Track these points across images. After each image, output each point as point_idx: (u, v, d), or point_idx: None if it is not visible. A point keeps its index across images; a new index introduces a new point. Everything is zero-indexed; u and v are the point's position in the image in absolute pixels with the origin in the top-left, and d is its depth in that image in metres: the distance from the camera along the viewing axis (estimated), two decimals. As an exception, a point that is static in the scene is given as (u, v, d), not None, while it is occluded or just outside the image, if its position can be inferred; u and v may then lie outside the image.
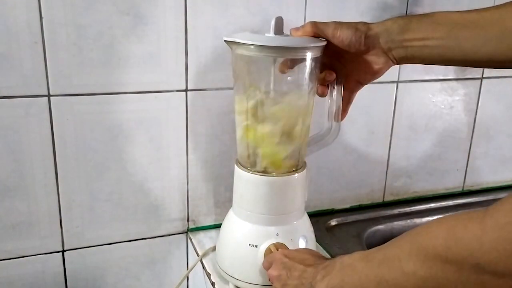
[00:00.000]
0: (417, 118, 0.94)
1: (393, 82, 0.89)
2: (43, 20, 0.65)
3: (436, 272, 0.41)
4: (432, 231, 0.42)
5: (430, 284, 0.41)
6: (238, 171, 0.66)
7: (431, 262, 0.41)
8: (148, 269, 0.83)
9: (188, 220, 0.82)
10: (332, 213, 0.93)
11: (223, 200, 0.83)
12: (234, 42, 0.59)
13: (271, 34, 0.60)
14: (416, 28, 0.57)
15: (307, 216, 0.70)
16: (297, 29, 0.63)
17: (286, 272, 0.57)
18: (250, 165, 0.65)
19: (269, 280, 0.61)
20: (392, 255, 0.45)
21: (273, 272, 0.59)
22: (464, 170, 1.03)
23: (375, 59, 0.60)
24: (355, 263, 0.50)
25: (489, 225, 0.37)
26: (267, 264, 0.62)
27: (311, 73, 0.62)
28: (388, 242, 0.48)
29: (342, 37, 0.59)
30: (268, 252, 0.64)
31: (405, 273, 0.43)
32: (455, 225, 0.40)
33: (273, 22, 0.60)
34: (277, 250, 0.63)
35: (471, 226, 0.38)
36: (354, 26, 0.59)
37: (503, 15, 0.52)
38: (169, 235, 0.82)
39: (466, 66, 0.63)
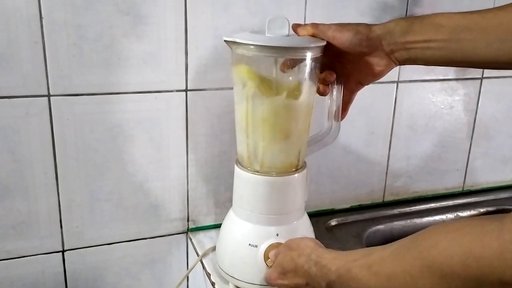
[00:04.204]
0: (417, 118, 0.94)
1: (393, 82, 0.89)
2: (43, 20, 0.65)
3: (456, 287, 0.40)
4: (444, 248, 0.41)
5: None
6: (238, 171, 0.66)
7: (449, 280, 0.40)
8: (148, 269, 0.83)
9: (188, 220, 0.82)
10: (332, 213, 0.93)
11: (223, 200, 0.83)
12: (234, 42, 0.59)
13: (266, 34, 0.60)
14: (419, 30, 0.56)
15: (307, 216, 0.70)
16: (298, 25, 0.63)
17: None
18: (250, 165, 0.65)
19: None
20: (401, 271, 0.44)
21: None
22: (464, 170, 1.03)
23: (377, 61, 0.60)
24: (358, 275, 0.49)
25: (508, 240, 0.36)
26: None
27: (311, 73, 0.62)
28: (388, 253, 0.47)
29: (343, 39, 0.59)
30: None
31: None
32: (470, 241, 0.39)
33: (267, 22, 0.60)
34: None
35: (489, 242, 0.38)
36: (355, 28, 0.59)
37: (506, 16, 0.51)
38: (169, 235, 0.82)
39: (469, 67, 0.63)
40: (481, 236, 0.39)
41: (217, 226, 0.81)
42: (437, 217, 0.96)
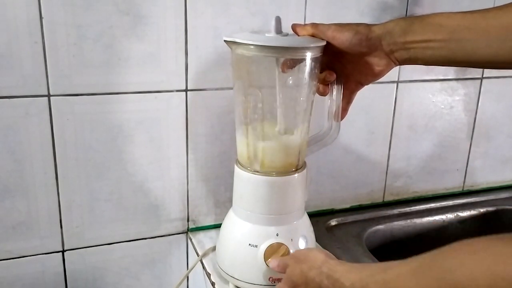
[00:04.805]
0: (417, 118, 0.94)
1: (393, 82, 0.89)
2: (43, 20, 0.65)
3: None
4: (469, 269, 0.39)
5: None
6: (238, 171, 0.66)
7: None
8: (148, 269, 0.83)
9: (188, 220, 0.82)
10: (332, 213, 0.93)
11: (223, 200, 0.83)
12: (234, 42, 0.59)
13: (272, 33, 0.60)
14: (418, 30, 0.56)
15: (307, 216, 0.70)
16: (298, 25, 0.63)
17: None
18: (250, 165, 0.65)
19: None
20: None
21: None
22: (464, 170, 1.03)
23: (377, 61, 0.60)
24: None
25: None
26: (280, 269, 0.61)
27: (311, 73, 0.62)
28: (406, 270, 0.45)
29: (342, 39, 0.59)
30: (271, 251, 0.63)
31: None
32: (497, 262, 0.37)
33: (273, 22, 0.60)
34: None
35: None
36: (355, 28, 0.59)
37: (506, 16, 0.51)
38: (169, 235, 0.82)
39: (469, 67, 0.63)
40: (504, 258, 0.37)
41: (217, 226, 0.81)
42: (437, 217, 0.96)
